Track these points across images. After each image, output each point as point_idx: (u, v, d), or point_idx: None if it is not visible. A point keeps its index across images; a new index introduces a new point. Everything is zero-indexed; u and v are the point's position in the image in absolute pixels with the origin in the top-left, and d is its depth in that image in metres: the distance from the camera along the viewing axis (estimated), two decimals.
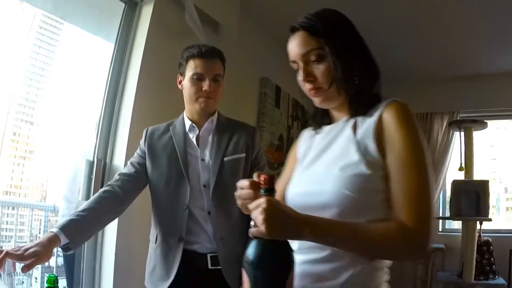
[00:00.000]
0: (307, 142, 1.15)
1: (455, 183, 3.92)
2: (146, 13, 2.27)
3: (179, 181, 1.63)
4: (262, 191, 0.85)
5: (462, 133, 4.08)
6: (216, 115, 1.75)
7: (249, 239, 0.84)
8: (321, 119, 1.14)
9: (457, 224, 4.59)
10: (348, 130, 1.00)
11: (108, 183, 1.65)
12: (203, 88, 1.63)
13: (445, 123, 4.66)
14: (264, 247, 0.82)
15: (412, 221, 0.87)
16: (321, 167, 1.01)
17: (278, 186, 1.01)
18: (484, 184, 3.71)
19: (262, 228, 0.80)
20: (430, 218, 0.89)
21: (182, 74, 1.70)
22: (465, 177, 3.95)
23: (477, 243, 3.61)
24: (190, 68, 1.65)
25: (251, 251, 0.82)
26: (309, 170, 1.05)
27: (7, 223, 3.55)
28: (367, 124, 0.97)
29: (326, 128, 1.11)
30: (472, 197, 3.63)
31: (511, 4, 3.09)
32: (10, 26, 3.11)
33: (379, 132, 0.94)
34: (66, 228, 1.36)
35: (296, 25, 1.03)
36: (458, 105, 4.64)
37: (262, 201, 0.82)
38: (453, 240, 4.35)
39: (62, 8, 2.28)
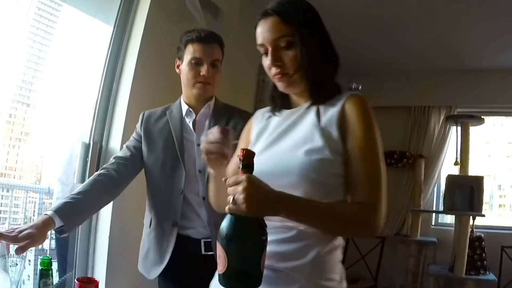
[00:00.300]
0: (263, 122, 1.20)
1: (450, 178, 3.93)
2: None
3: (175, 166, 1.63)
4: (240, 166, 0.87)
5: (459, 128, 4.09)
6: (213, 100, 1.74)
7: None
8: (280, 102, 1.19)
9: (450, 219, 4.62)
10: (312, 116, 1.07)
11: (104, 166, 1.65)
12: (201, 73, 1.62)
13: (442, 118, 4.66)
14: (242, 224, 0.85)
15: (369, 202, 0.97)
16: (283, 149, 1.06)
17: (230, 163, 1.08)
18: (479, 180, 3.73)
19: (242, 206, 0.83)
20: (383, 201, 0.98)
21: (180, 58, 1.69)
22: (460, 172, 3.97)
23: (469, 238, 3.63)
24: (189, 53, 1.64)
25: (229, 227, 0.85)
26: (270, 151, 1.08)
27: (1, 205, 3.54)
28: (330, 113, 1.05)
29: (285, 112, 1.16)
30: (466, 192, 3.65)
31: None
32: (7, 7, 3.08)
33: (341, 122, 1.03)
34: (61, 210, 1.36)
35: (269, 11, 1.07)
36: (455, 100, 4.64)
37: (242, 178, 0.85)
38: (445, 234, 4.38)
39: None
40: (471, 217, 3.67)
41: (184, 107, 1.72)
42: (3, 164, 3.65)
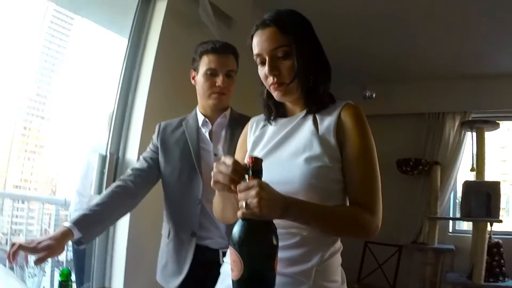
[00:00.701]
0: (258, 131, 1.23)
1: (466, 184, 3.89)
2: (161, 7, 2.27)
3: (192, 176, 1.63)
4: (250, 172, 0.89)
5: (474, 134, 4.04)
6: (229, 110, 1.75)
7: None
8: (275, 110, 1.21)
9: (467, 225, 4.56)
10: (310, 124, 1.11)
11: (121, 177, 1.65)
12: (217, 84, 1.63)
13: (457, 123, 4.62)
14: (256, 228, 0.87)
15: (367, 205, 1.04)
16: (283, 157, 1.10)
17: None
18: (495, 185, 3.68)
19: (256, 210, 0.85)
20: (380, 204, 1.06)
21: (196, 69, 1.71)
22: (476, 178, 3.92)
23: (487, 244, 3.58)
24: (204, 64, 1.65)
25: (243, 232, 0.87)
26: (269, 159, 1.09)
27: (17, 217, 3.58)
28: (327, 121, 1.10)
29: (281, 121, 1.19)
30: (483, 198, 3.60)
31: None
32: (21, 21, 3.13)
33: (338, 130, 1.08)
34: (79, 222, 1.38)
35: (267, 21, 1.10)
36: (470, 105, 4.59)
37: (254, 183, 0.87)
38: (463, 241, 4.32)
39: (76, 1, 2.29)
40: (488, 223, 3.61)
41: (200, 118, 1.72)
42: (19, 176, 3.69)
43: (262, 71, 1.13)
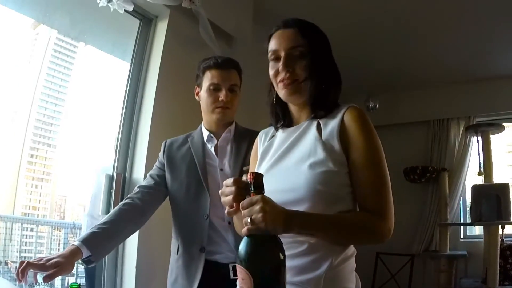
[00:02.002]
0: (267, 142, 1.24)
1: (475, 188, 3.86)
2: (161, 29, 2.32)
3: (199, 191, 1.64)
4: (251, 188, 0.89)
5: (480, 138, 4.03)
6: (233, 124, 1.77)
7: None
8: (282, 120, 1.23)
9: (478, 230, 4.51)
10: (313, 130, 1.11)
11: (128, 195, 1.66)
12: (220, 98, 1.66)
13: (461, 129, 4.61)
14: (263, 243, 0.87)
15: (378, 210, 1.02)
16: (289, 165, 1.10)
17: None
18: (504, 187, 3.65)
19: (261, 225, 0.86)
20: (392, 208, 1.03)
21: (199, 85, 1.73)
22: (484, 182, 3.89)
23: (500, 247, 3.54)
24: (207, 79, 1.68)
25: (251, 247, 0.86)
26: (277, 168, 1.12)
27: (26, 244, 3.57)
28: (330, 126, 1.09)
29: (288, 130, 1.20)
30: (493, 201, 3.57)
31: None
32: (24, 52, 3.19)
33: (342, 134, 1.07)
34: (88, 241, 1.38)
35: (290, 22, 1.15)
36: (474, 110, 4.59)
37: (257, 198, 0.88)
38: (475, 246, 4.27)
39: (78, 27, 2.34)
40: (500, 226, 3.57)
41: (205, 133, 1.74)
42: (27, 204, 3.70)
43: (274, 67, 1.14)
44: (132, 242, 2.06)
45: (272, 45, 1.15)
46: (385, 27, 3.49)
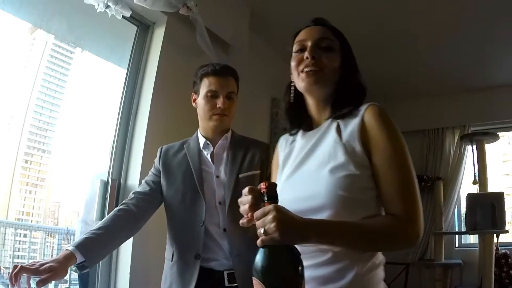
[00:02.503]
0: (288, 148, 1.20)
1: (470, 197, 3.87)
2: (158, 36, 2.32)
3: (195, 198, 1.63)
4: (265, 198, 0.86)
5: (474, 147, 4.05)
6: (230, 132, 1.77)
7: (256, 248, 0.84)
8: (300, 124, 1.19)
9: (473, 239, 4.52)
10: (333, 133, 1.06)
11: (123, 201, 1.65)
12: (217, 105, 1.66)
13: (456, 138, 4.64)
14: (278, 254, 0.82)
15: (405, 214, 0.95)
16: (310, 170, 1.05)
17: None
18: (499, 196, 3.67)
19: (275, 235, 0.81)
20: (420, 210, 0.96)
21: (196, 92, 1.73)
22: (479, 191, 3.91)
23: (495, 256, 3.54)
24: (205, 86, 1.68)
25: (265, 259, 0.82)
26: (296, 175, 1.08)
27: (19, 250, 3.55)
28: (350, 127, 1.04)
29: (307, 134, 1.15)
30: (488, 210, 3.58)
31: None
32: (21, 56, 3.19)
33: (363, 135, 1.02)
34: (82, 246, 1.36)
35: (320, 20, 1.16)
36: (468, 119, 4.62)
37: (270, 208, 0.84)
38: (470, 255, 4.27)
39: (75, 33, 2.34)
40: (495, 234, 3.58)
41: (202, 140, 1.74)
42: (20, 209, 3.68)
43: (298, 56, 1.12)
44: (126, 248, 2.04)
45: (299, 37, 1.13)
46: (380, 37, 3.51)
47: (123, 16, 2.00)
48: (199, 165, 1.69)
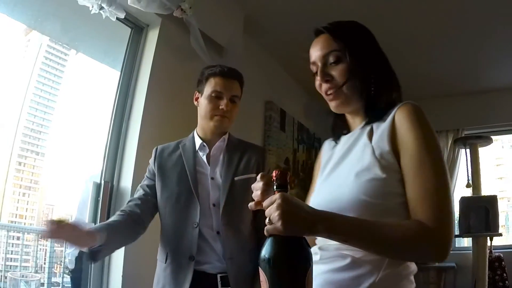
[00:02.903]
0: (329, 152, 1.16)
1: (463, 200, 3.88)
2: (152, 38, 2.32)
3: (189, 200, 1.62)
4: (275, 187, 0.84)
5: (468, 150, 4.07)
6: (227, 134, 1.76)
7: (264, 238, 0.82)
8: (340, 130, 1.16)
9: (467, 242, 4.53)
10: (365, 136, 1.01)
11: (121, 209, 1.63)
12: (220, 107, 1.65)
13: (450, 141, 4.65)
14: (281, 244, 0.79)
15: (431, 219, 0.85)
16: (340, 175, 1.02)
17: (307, 199, 1.07)
18: (492, 199, 3.68)
19: (278, 224, 0.78)
20: (450, 216, 0.87)
21: (200, 91, 1.73)
22: (473, 194, 3.92)
23: (489, 259, 3.55)
24: (210, 86, 1.68)
25: (268, 249, 0.79)
26: (329, 179, 1.06)
27: (11, 253, 3.52)
28: (381, 128, 0.98)
29: (344, 138, 1.12)
30: (481, 213, 3.59)
31: None
32: (16, 58, 3.17)
33: (392, 135, 0.95)
34: (102, 231, 1.38)
35: (320, 28, 1.09)
36: (462, 122, 4.64)
37: (276, 197, 0.81)
38: (464, 258, 4.28)
39: (69, 34, 2.33)
40: (488, 238, 3.59)
41: (198, 141, 1.73)
42: (13, 212, 3.65)
43: (316, 80, 1.09)
44: (118, 251, 2.03)
45: (311, 56, 1.09)
46: (378, 39, 3.52)
47: (117, 18, 2.00)
48: (194, 166, 1.68)
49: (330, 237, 0.86)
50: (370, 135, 1.00)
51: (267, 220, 0.81)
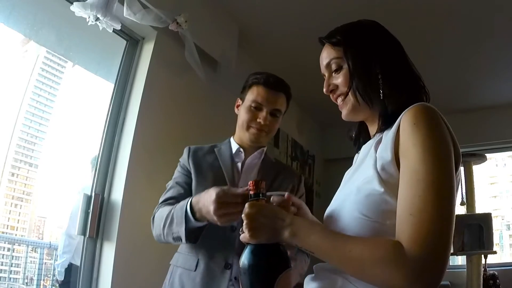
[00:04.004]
0: (353, 164, 1.11)
1: (457, 218, 3.82)
2: (147, 50, 2.32)
3: None
4: (250, 196, 0.86)
5: (462, 168, 4.07)
6: (264, 149, 1.67)
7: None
8: (362, 141, 1.11)
9: (461, 260, 4.50)
10: (373, 146, 0.92)
11: (162, 205, 1.52)
12: (258, 119, 1.56)
13: None
14: (251, 252, 0.82)
15: (411, 240, 0.71)
16: (348, 189, 0.94)
17: None
18: (487, 217, 3.66)
19: (246, 232, 0.81)
20: (438, 240, 0.71)
21: (242, 98, 1.65)
22: (467, 212, 3.91)
23: (483, 277, 3.53)
24: (251, 95, 1.59)
25: (242, 256, 0.82)
26: (339, 193, 1.02)
27: (1, 264, 3.48)
28: (388, 136, 0.87)
29: (363, 147, 1.05)
30: (475, 231, 3.57)
31: (506, 38, 3.15)
32: (12, 69, 3.17)
33: (396, 143, 0.84)
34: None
35: (320, 39, 1.08)
36: (456, 140, 4.64)
37: (247, 205, 0.83)
38: (458, 276, 4.23)
39: (64, 44, 2.34)
40: (482, 255, 3.57)
41: (234, 146, 1.64)
42: (5, 223, 3.61)
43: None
44: (108, 261, 1.99)
45: (320, 67, 1.07)
46: None
47: (113, 30, 2.00)
48: (232, 170, 1.58)
49: (297, 246, 0.83)
50: (377, 145, 0.90)
51: (240, 230, 0.84)
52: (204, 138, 1.84)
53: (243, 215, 0.83)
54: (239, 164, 1.61)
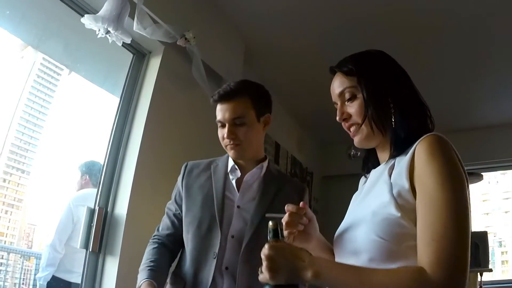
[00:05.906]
0: (360, 188, 1.15)
1: None
2: (154, 65, 2.31)
3: (211, 227, 1.48)
4: (269, 237, 0.87)
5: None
6: (266, 161, 1.63)
7: None
8: (370, 165, 1.13)
9: None
10: (386, 172, 0.95)
11: (154, 239, 1.60)
12: (224, 136, 1.53)
13: None
14: None
15: (435, 266, 0.76)
16: (360, 212, 0.97)
17: None
18: (483, 235, 3.70)
19: (266, 274, 0.82)
20: (461, 265, 0.77)
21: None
22: None
23: None
24: (216, 114, 1.56)
25: None
26: (350, 215, 1.04)
27: None
28: (402, 163, 0.91)
29: (372, 172, 1.07)
30: (471, 249, 3.60)
31: (502, 58, 3.21)
32: (7, 75, 3.14)
33: (411, 170, 0.88)
34: (154, 278, 1.41)
35: (332, 67, 1.09)
36: None
37: (266, 247, 0.84)
38: None
39: (71, 56, 2.33)
40: (478, 273, 3.59)
41: (230, 163, 1.58)
42: None
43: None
44: (110, 280, 1.97)
45: (332, 96, 1.08)
46: None
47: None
48: (223, 190, 1.53)
49: (320, 284, 0.84)
50: (391, 171, 0.93)
51: (259, 270, 0.85)
52: (208, 153, 1.82)
53: (262, 256, 0.83)
54: (234, 182, 1.56)
